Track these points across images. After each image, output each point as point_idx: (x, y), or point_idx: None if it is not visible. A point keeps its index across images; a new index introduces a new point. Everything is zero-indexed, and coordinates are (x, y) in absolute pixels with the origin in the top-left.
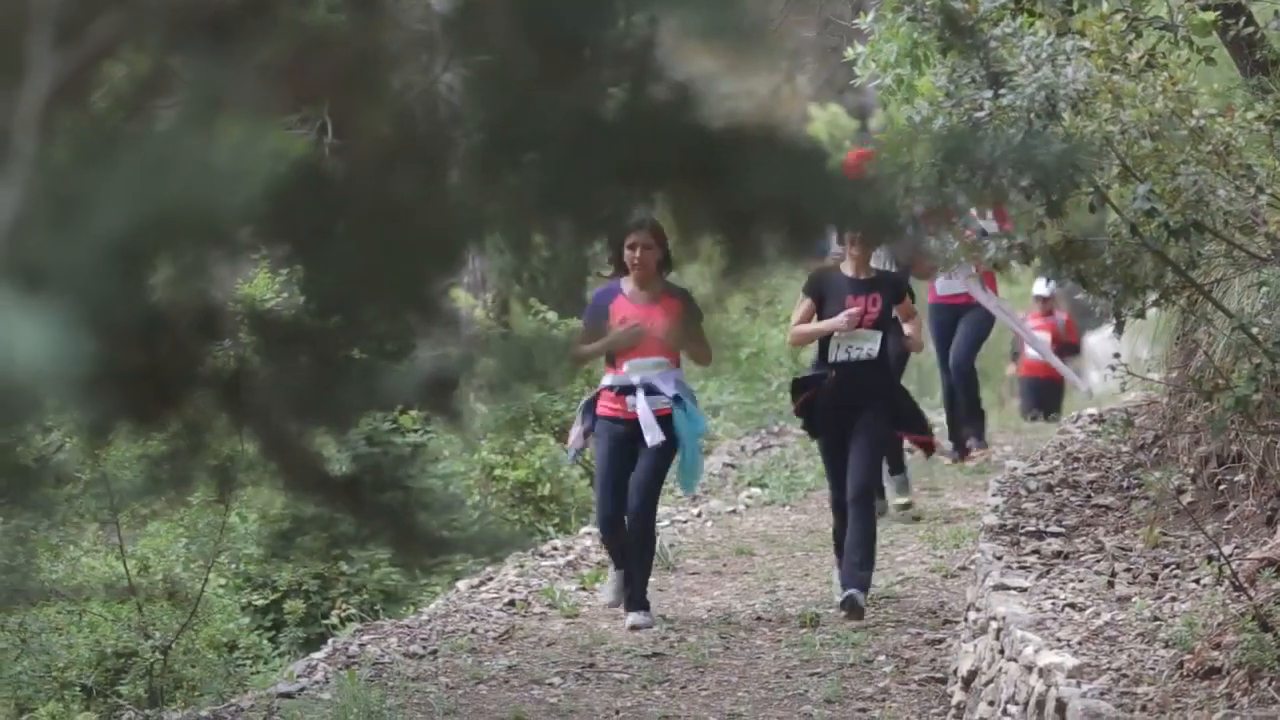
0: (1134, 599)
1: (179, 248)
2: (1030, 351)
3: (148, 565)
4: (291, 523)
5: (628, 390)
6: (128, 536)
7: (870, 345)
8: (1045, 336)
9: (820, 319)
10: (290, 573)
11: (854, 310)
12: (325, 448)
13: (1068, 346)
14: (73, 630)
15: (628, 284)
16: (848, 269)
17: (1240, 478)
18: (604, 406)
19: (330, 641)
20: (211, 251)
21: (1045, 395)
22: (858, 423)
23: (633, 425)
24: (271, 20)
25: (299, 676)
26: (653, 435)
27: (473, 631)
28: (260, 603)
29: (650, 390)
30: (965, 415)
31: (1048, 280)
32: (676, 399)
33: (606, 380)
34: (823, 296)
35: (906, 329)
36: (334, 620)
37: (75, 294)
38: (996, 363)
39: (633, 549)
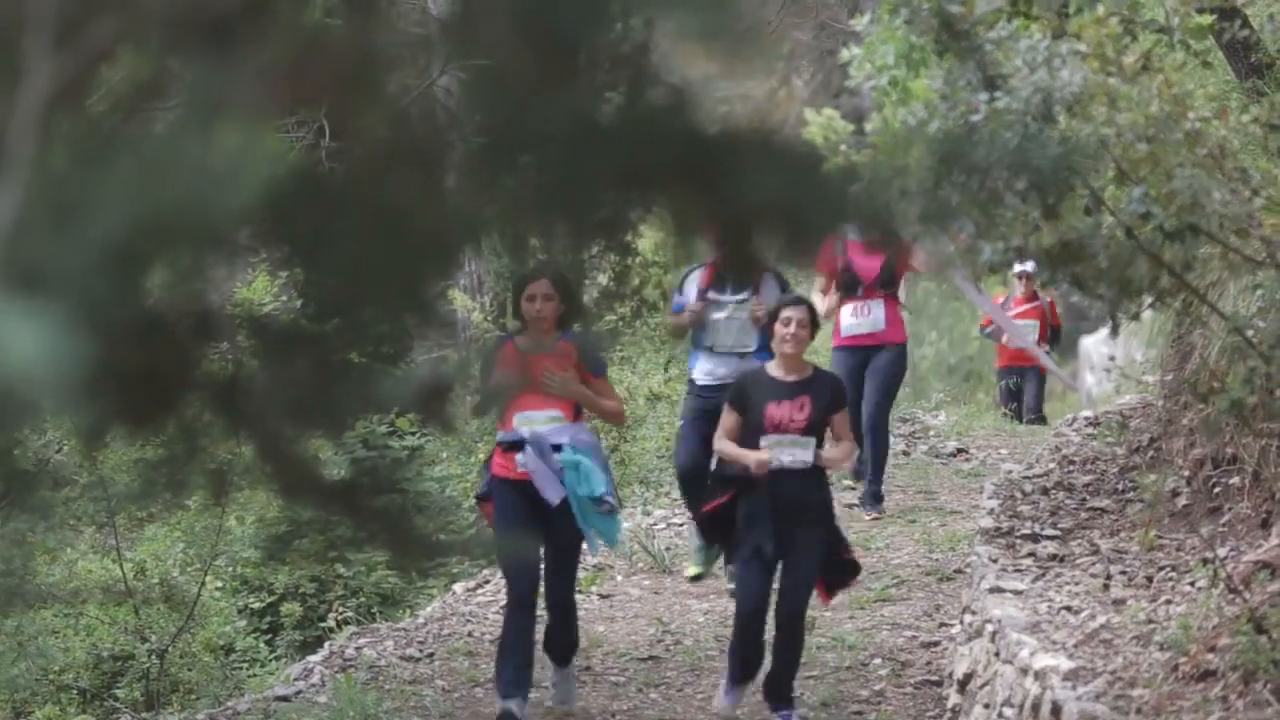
0: (1129, 602)
1: (176, 251)
2: (1007, 340)
3: (144, 569)
4: (288, 526)
5: (517, 447)
6: (125, 540)
7: (801, 453)
8: (1034, 324)
9: (745, 426)
10: (287, 576)
11: (762, 458)
12: (321, 451)
13: (1053, 331)
14: (69, 633)
15: (521, 337)
16: (775, 368)
17: (1235, 480)
18: (497, 465)
19: (327, 644)
20: (209, 254)
21: (1024, 382)
22: (791, 541)
23: (531, 485)
24: (269, 23)
25: (295, 679)
26: (553, 492)
27: (469, 634)
28: (257, 606)
29: (546, 447)
30: (872, 474)
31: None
32: (575, 457)
33: (499, 435)
34: (745, 404)
35: (829, 451)
36: (330, 623)
37: (72, 296)
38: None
39: (551, 635)
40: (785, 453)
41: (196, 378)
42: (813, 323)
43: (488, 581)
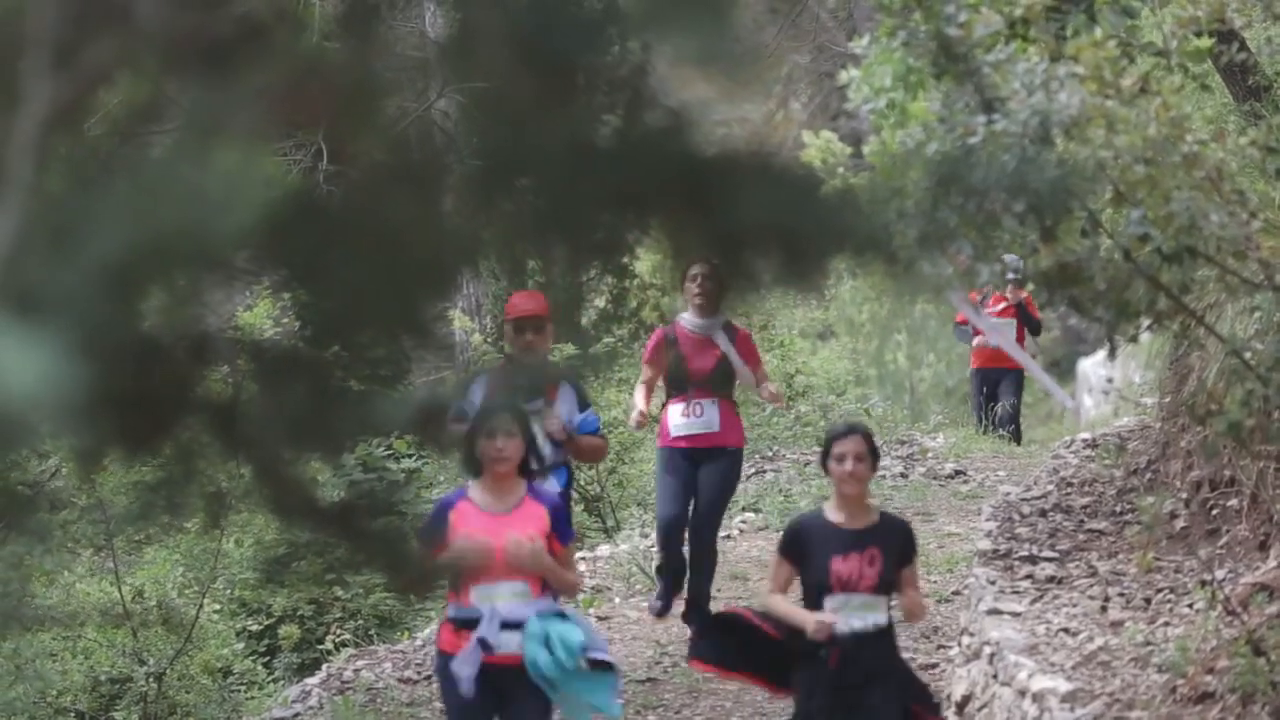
0: (1127, 624)
1: (173, 274)
2: (982, 341)
3: (143, 591)
4: (286, 549)
5: (471, 624)
6: (123, 562)
7: (873, 615)
8: (1010, 322)
9: (803, 582)
10: (285, 598)
11: (825, 619)
12: (319, 474)
13: (1033, 323)
14: (67, 656)
15: (477, 487)
16: (835, 512)
17: (1233, 502)
18: (447, 642)
19: (325, 667)
20: (206, 278)
21: (1000, 388)
22: (865, 706)
23: (495, 669)
24: (267, 47)
25: (293, 702)
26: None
27: None
28: (255, 628)
29: (507, 624)
30: (691, 589)
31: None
32: (543, 626)
33: (449, 610)
34: (803, 554)
35: (907, 603)
36: (329, 645)
37: (70, 319)
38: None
39: None
40: (855, 616)
41: (194, 400)
42: (872, 453)
43: None
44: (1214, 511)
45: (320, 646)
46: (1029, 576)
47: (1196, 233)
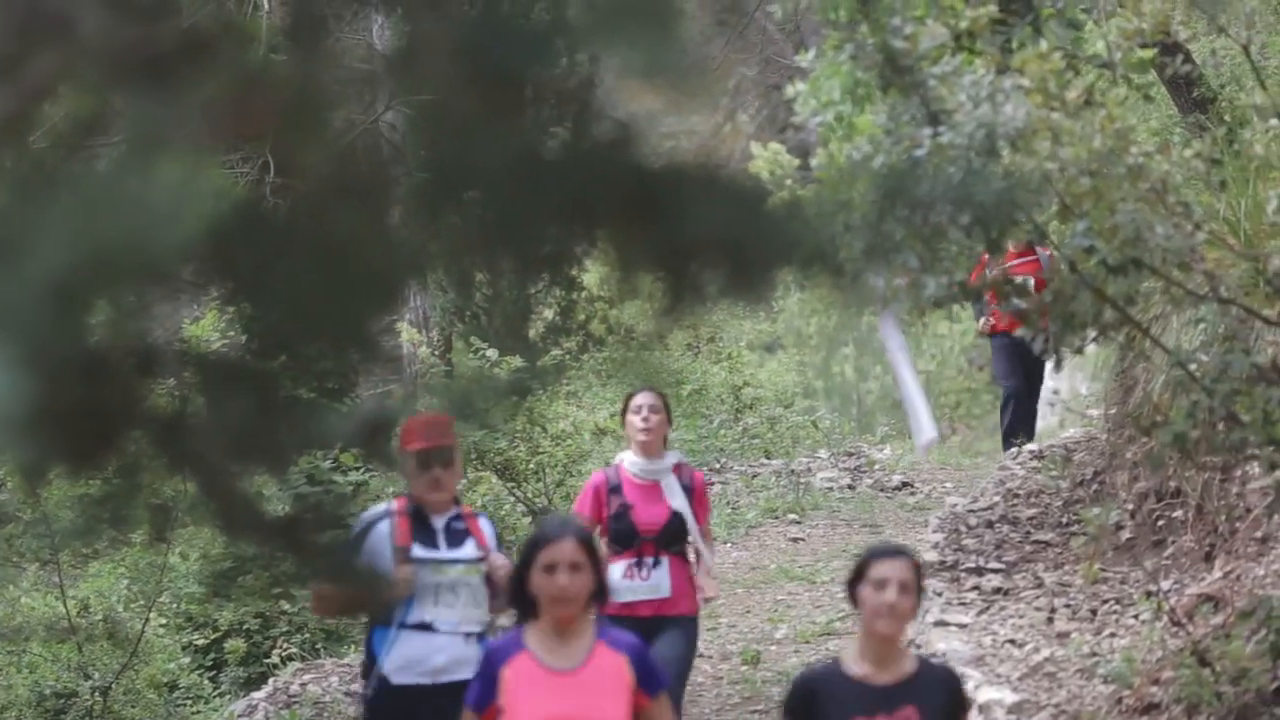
0: (1073, 635)
1: (119, 287)
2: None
3: (88, 605)
4: (232, 562)
5: None
6: (68, 577)
7: None
8: (1029, 278)
9: None
10: (231, 612)
11: None
12: (265, 487)
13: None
14: (12, 671)
15: (535, 635)
16: (858, 663)
17: (1179, 514)
18: None
19: (271, 681)
20: (151, 291)
21: (1026, 357)
22: None
23: None
24: (212, 59)
25: (239, 716)
26: None
27: None
28: (201, 642)
29: None
30: None
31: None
32: None
33: None
34: (816, 716)
35: None
36: (275, 659)
37: (14, 333)
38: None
39: None
40: None
41: (139, 414)
42: (918, 583)
43: None
44: (1159, 522)
45: (267, 660)
46: (976, 588)
47: (1142, 245)
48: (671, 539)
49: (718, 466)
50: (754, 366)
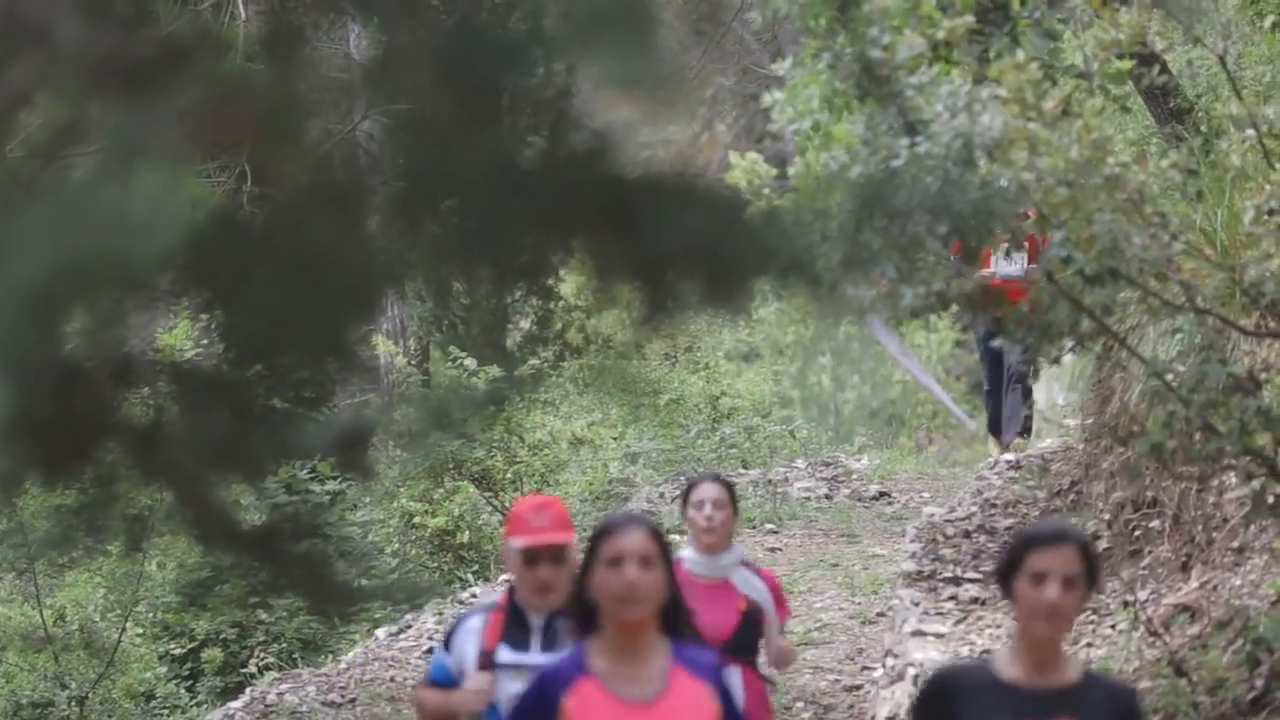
0: None
1: (95, 296)
2: (999, 270)
3: (64, 615)
4: (210, 571)
5: None
6: (45, 586)
7: None
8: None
9: None
10: (208, 622)
11: None
12: (242, 497)
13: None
14: None
15: (600, 655)
16: (1011, 663)
17: (1155, 524)
18: None
19: (248, 690)
20: (128, 300)
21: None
22: None
23: None
24: (190, 68)
25: None
26: None
27: (391, 680)
28: (178, 652)
29: None
30: None
31: (1008, 255)
32: None
33: None
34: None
35: None
36: (252, 669)
37: None
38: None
39: None
40: None
41: (115, 424)
42: (1089, 574)
43: (410, 627)
44: (1136, 533)
45: (244, 670)
46: (953, 598)
47: (1119, 255)
48: (742, 647)
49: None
50: (731, 376)
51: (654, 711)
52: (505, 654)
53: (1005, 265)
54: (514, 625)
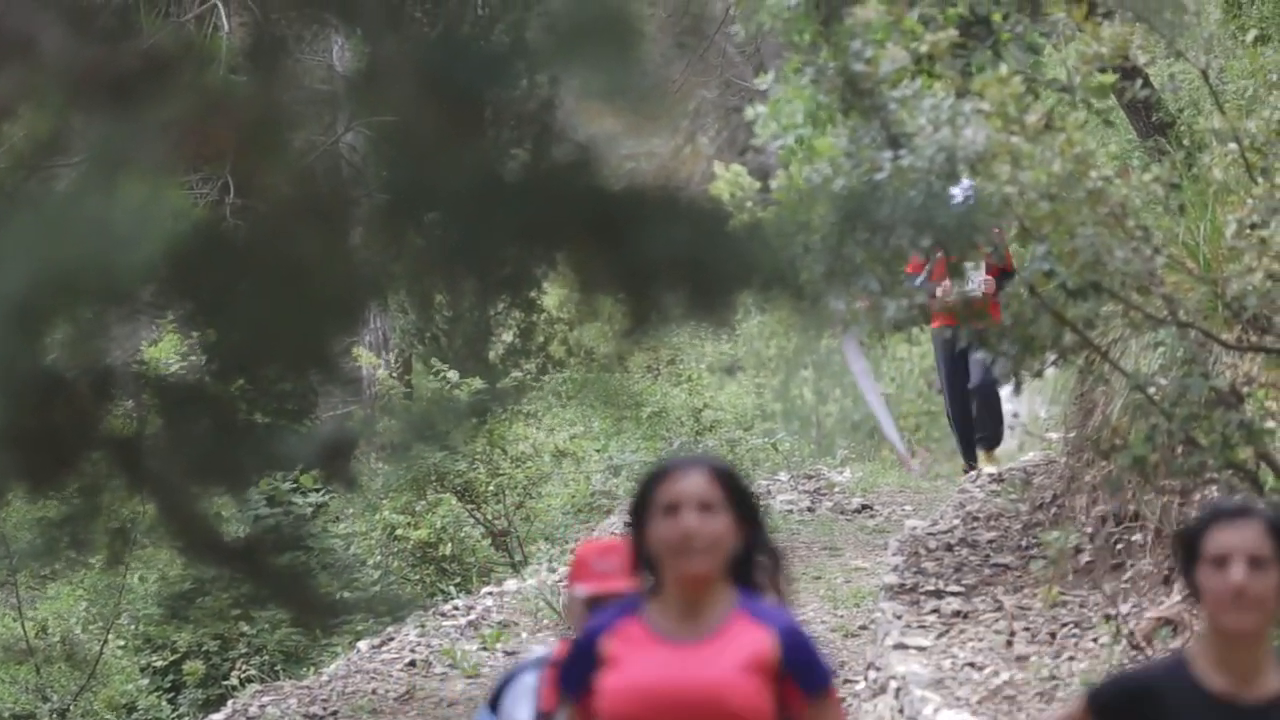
0: (1032, 658)
1: (78, 307)
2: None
3: (46, 627)
4: (191, 583)
5: None
6: (26, 598)
7: None
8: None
9: None
10: (190, 634)
11: None
12: (225, 508)
13: (1004, 275)
14: None
15: (656, 604)
16: (1210, 665)
17: (1137, 537)
18: None
19: (230, 703)
20: (111, 311)
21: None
22: None
23: None
24: (173, 80)
25: None
26: None
27: (373, 692)
28: (159, 664)
29: None
30: None
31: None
32: None
33: None
34: None
35: None
36: (234, 681)
37: None
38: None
39: None
40: None
41: (98, 436)
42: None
43: (391, 639)
44: (1118, 546)
45: (225, 683)
46: (935, 611)
47: (1101, 268)
48: None
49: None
50: (714, 389)
51: (699, 649)
52: None
53: (961, 282)
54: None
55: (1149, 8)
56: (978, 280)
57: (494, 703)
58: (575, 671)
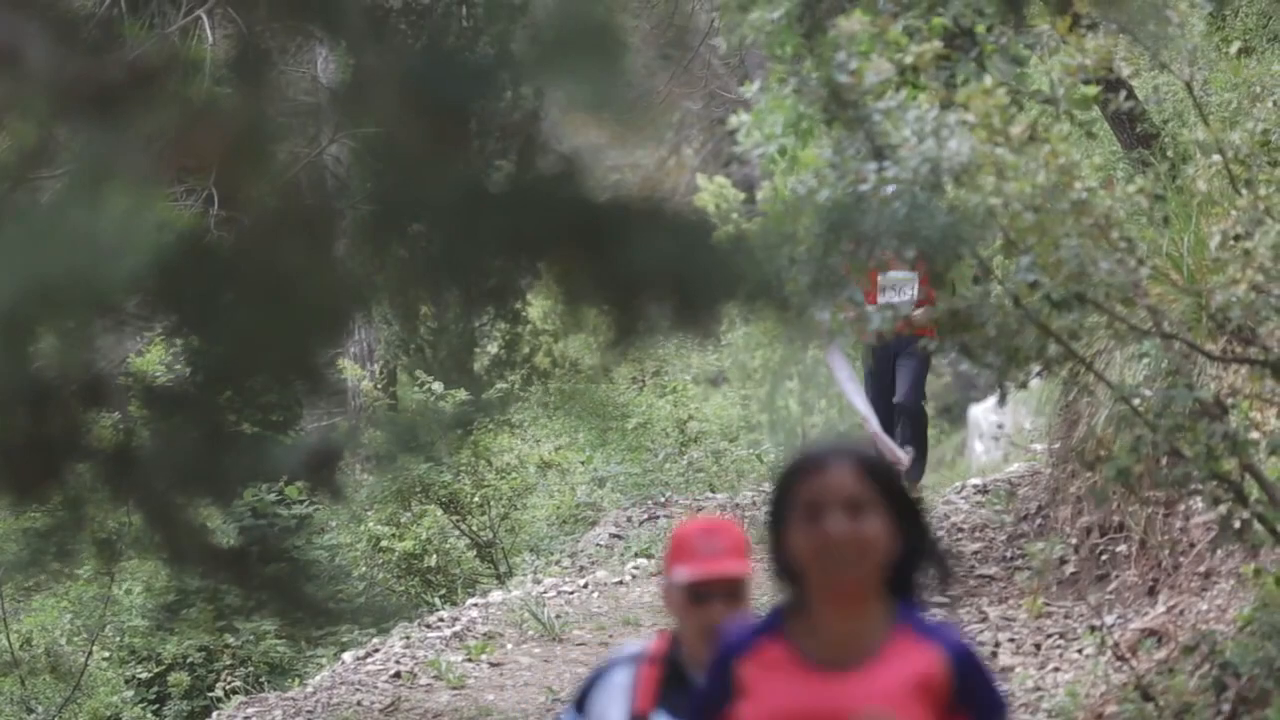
0: (1017, 669)
1: (64, 318)
2: (886, 301)
3: (31, 639)
4: (176, 595)
5: None
6: (11, 610)
7: None
8: (911, 275)
9: None
10: (175, 645)
11: None
12: (210, 519)
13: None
14: None
15: (805, 621)
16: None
17: (1122, 548)
18: None
19: (215, 715)
20: (97, 322)
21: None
22: None
23: None
24: (158, 92)
25: None
26: None
27: (358, 704)
28: (144, 676)
29: None
30: None
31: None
32: None
33: None
34: None
35: None
36: (219, 693)
37: None
38: None
39: None
40: None
41: (84, 446)
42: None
43: (377, 650)
44: (1103, 557)
45: (210, 694)
46: None
47: (1086, 279)
48: None
49: (662, 500)
50: (699, 400)
51: (855, 675)
52: None
53: (893, 295)
54: (673, 683)
55: (1133, 20)
56: (908, 292)
57: (581, 702)
58: (708, 704)
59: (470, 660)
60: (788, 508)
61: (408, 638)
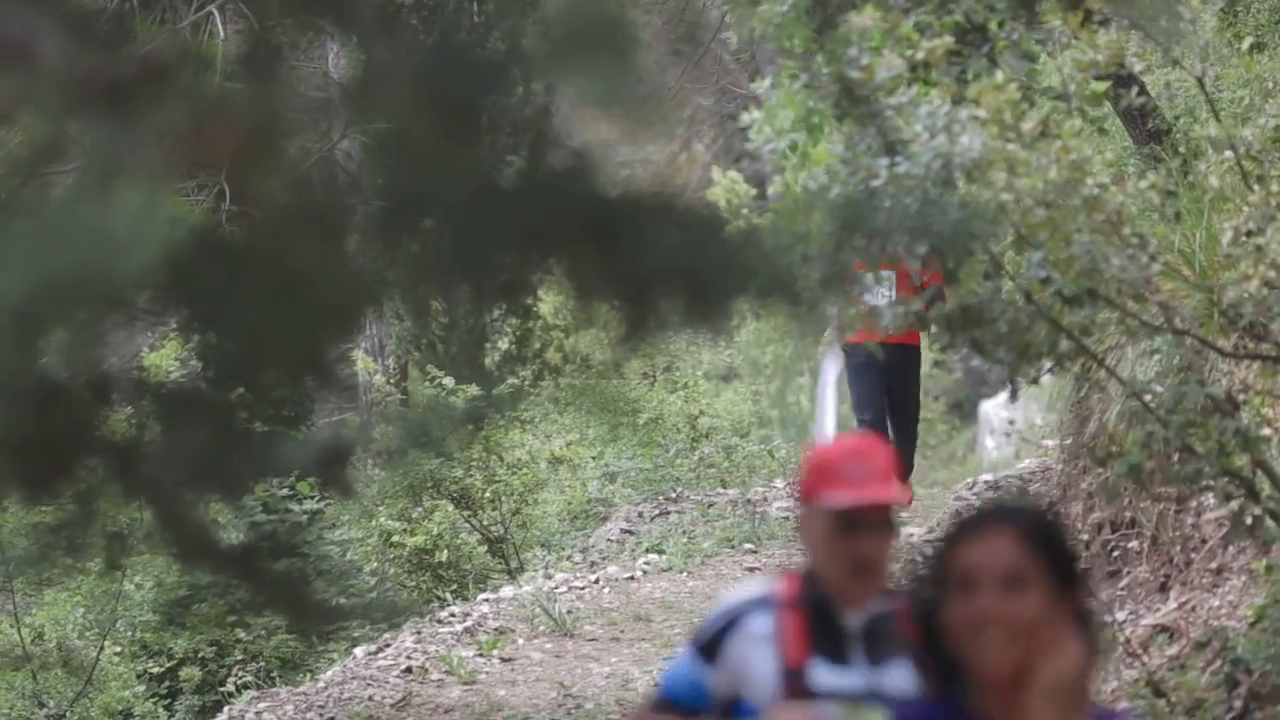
0: None
1: (75, 314)
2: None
3: (43, 633)
4: (188, 590)
5: None
6: (23, 604)
7: None
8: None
9: None
10: (186, 640)
11: None
12: (221, 515)
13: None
14: None
15: (980, 704)
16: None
17: (1134, 544)
18: None
19: (226, 709)
20: (108, 318)
21: (888, 375)
22: None
23: None
24: (169, 87)
25: None
26: None
27: (370, 699)
28: (156, 671)
29: None
30: None
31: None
32: None
33: None
34: None
35: None
36: (230, 688)
37: None
38: None
39: None
40: None
41: (95, 442)
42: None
43: (388, 645)
44: (1115, 553)
45: (222, 689)
46: None
47: (1097, 275)
48: None
49: (673, 496)
50: (710, 396)
51: None
52: (823, 673)
53: (869, 296)
54: (822, 628)
55: (1145, 15)
56: (885, 292)
57: (710, 652)
58: None
59: (481, 655)
60: (945, 577)
61: (419, 633)
